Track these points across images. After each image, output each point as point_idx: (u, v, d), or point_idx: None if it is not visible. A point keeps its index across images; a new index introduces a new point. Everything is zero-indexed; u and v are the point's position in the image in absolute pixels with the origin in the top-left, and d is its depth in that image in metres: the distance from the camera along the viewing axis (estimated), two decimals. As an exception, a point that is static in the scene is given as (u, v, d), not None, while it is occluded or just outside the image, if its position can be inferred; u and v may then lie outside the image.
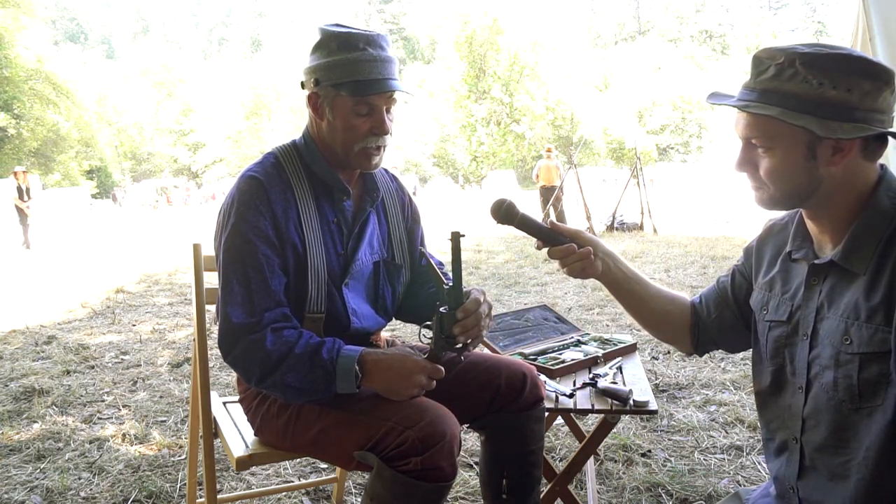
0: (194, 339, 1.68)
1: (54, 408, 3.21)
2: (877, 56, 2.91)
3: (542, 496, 1.69)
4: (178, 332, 4.90)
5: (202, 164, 51.11)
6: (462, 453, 2.48)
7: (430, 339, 1.38)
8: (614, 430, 2.09)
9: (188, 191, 40.34)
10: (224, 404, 1.81)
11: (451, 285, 1.34)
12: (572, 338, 2.18)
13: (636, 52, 52.45)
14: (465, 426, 1.56)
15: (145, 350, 4.35)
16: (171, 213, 26.45)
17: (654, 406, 1.64)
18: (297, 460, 2.49)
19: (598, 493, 2.21)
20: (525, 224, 1.29)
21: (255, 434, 1.56)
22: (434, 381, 1.35)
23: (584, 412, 1.71)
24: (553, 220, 1.35)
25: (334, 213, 1.51)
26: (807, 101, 0.99)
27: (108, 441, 2.76)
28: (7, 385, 3.60)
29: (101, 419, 3.07)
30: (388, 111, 1.45)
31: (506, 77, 45.01)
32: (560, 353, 1.99)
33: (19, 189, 12.30)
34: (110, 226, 19.21)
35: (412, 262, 1.68)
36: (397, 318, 1.72)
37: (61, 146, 34.90)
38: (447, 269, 1.48)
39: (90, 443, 2.75)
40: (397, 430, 1.27)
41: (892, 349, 0.97)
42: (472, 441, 2.58)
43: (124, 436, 2.82)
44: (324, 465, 2.44)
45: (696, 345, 1.37)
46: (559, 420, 2.69)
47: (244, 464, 1.49)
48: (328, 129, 1.45)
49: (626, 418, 2.76)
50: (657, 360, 3.74)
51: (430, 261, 1.49)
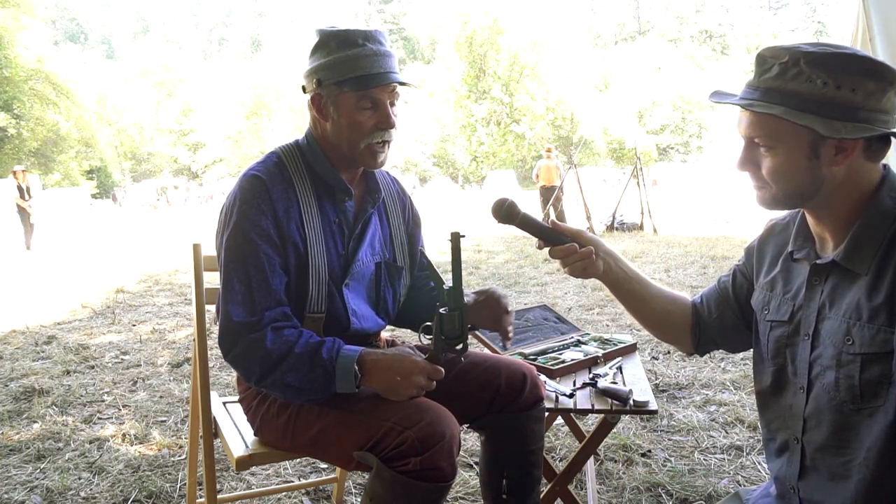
0: (194, 339, 1.68)
1: (54, 408, 3.21)
2: (877, 56, 2.90)
3: (542, 496, 1.69)
4: (178, 332, 4.90)
5: (202, 164, 51.11)
6: (462, 453, 2.48)
7: (430, 339, 1.38)
8: (614, 430, 2.09)
9: (189, 190, 40.30)
10: (224, 404, 1.81)
11: (450, 286, 1.34)
12: (572, 338, 2.18)
13: (636, 52, 52.38)
14: (465, 426, 1.56)
15: (145, 350, 4.35)
16: (171, 214, 26.44)
17: (654, 406, 1.64)
18: (297, 460, 2.49)
19: (598, 493, 2.21)
20: (526, 224, 1.29)
21: (255, 434, 1.55)
22: (434, 382, 1.35)
23: (584, 412, 1.71)
24: (554, 219, 1.35)
25: (336, 214, 1.51)
26: (810, 101, 0.98)
27: (108, 441, 2.76)
28: (7, 385, 3.60)
29: (101, 419, 3.07)
30: (392, 105, 1.46)
31: (506, 77, 44.99)
32: (560, 353, 1.99)
33: (20, 188, 12.27)
34: (110, 226, 19.20)
35: (412, 266, 1.68)
36: (397, 325, 1.72)
37: (61, 146, 34.89)
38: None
39: (90, 443, 2.75)
40: (397, 430, 1.27)
41: (894, 350, 0.97)
42: (472, 441, 2.58)
43: (124, 436, 2.82)
44: (324, 465, 2.44)
45: (697, 345, 1.37)
46: (559, 420, 2.69)
47: (244, 464, 1.49)
48: (333, 129, 1.45)
49: (626, 418, 2.76)
50: (657, 360, 3.74)
51: (430, 261, 1.49)
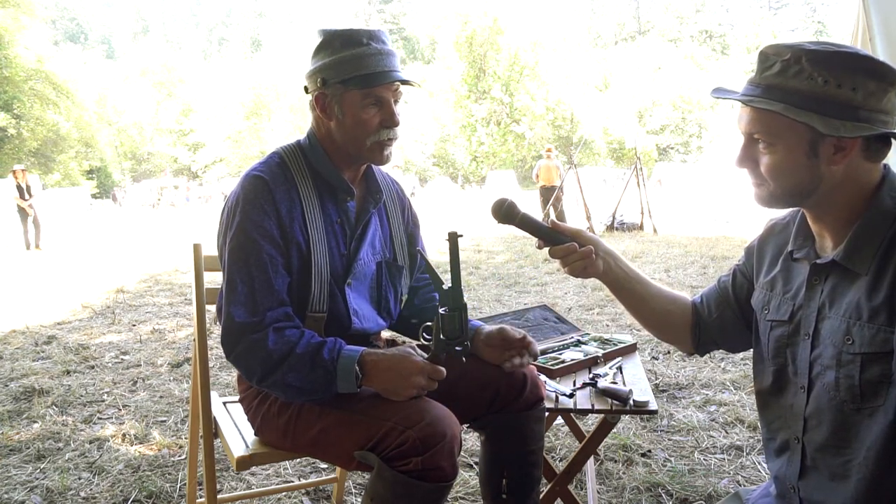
0: (194, 339, 1.68)
1: (54, 408, 3.21)
2: (877, 56, 2.90)
3: (542, 496, 1.69)
4: (178, 332, 4.90)
5: (202, 164, 51.11)
6: (462, 453, 2.48)
7: (430, 340, 1.38)
8: (614, 430, 2.09)
9: (189, 190, 40.27)
10: (224, 404, 1.81)
11: (449, 286, 1.34)
12: (572, 338, 2.17)
13: (636, 52, 52.35)
14: (466, 426, 1.56)
15: (145, 350, 4.35)
16: (171, 214, 26.44)
17: (654, 406, 1.64)
18: (297, 460, 2.49)
19: (598, 493, 2.21)
20: (526, 223, 1.29)
21: (256, 434, 1.55)
22: (435, 382, 1.35)
23: (584, 412, 1.71)
24: (553, 219, 1.35)
25: (338, 214, 1.51)
26: (811, 99, 0.99)
27: (108, 441, 2.76)
28: (7, 385, 3.60)
29: (101, 419, 3.07)
30: (396, 103, 1.46)
31: (506, 77, 44.98)
32: (560, 353, 1.99)
33: (19, 188, 12.25)
34: (110, 226, 19.20)
35: (413, 266, 1.68)
36: (405, 334, 1.72)
37: (61, 146, 34.89)
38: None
39: (90, 443, 2.75)
40: (398, 430, 1.27)
41: (894, 349, 0.97)
42: (472, 441, 2.58)
43: (124, 436, 2.82)
44: (324, 465, 2.44)
45: (697, 345, 1.37)
46: (559, 420, 2.69)
47: (244, 464, 1.48)
48: (337, 128, 1.45)
49: (626, 418, 2.76)
50: (657, 360, 3.74)
51: (428, 260, 1.49)
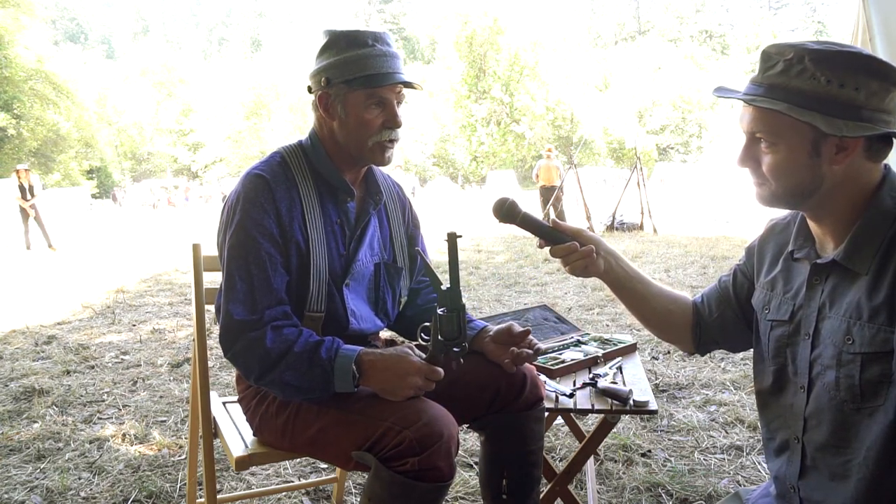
0: (194, 339, 1.68)
1: (54, 408, 3.20)
2: (877, 56, 2.90)
3: (542, 496, 1.69)
4: (178, 332, 4.90)
5: (202, 163, 51.14)
6: (462, 453, 2.48)
7: (428, 340, 1.38)
8: (614, 430, 2.09)
9: (189, 190, 40.29)
10: (224, 404, 1.81)
11: (448, 287, 1.34)
12: (572, 338, 2.17)
13: (636, 52, 52.36)
14: (465, 426, 1.56)
15: (145, 350, 4.34)
16: (171, 213, 26.44)
17: (654, 406, 1.64)
18: (297, 460, 2.49)
19: (598, 493, 2.21)
20: (527, 223, 1.29)
21: (254, 434, 1.55)
22: (432, 383, 1.35)
23: (584, 412, 1.71)
24: (554, 218, 1.35)
25: (338, 214, 1.51)
26: (813, 98, 0.98)
27: (108, 441, 2.76)
28: (7, 385, 3.60)
29: (101, 419, 3.07)
30: (398, 105, 1.47)
31: (506, 77, 44.99)
32: (560, 353, 1.99)
33: (21, 188, 12.21)
34: (110, 226, 19.20)
35: (412, 267, 1.68)
36: (400, 331, 1.72)
37: (61, 146, 34.91)
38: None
39: (90, 443, 2.75)
40: (395, 430, 1.27)
41: (895, 349, 0.97)
42: (472, 441, 2.58)
43: (124, 436, 2.82)
44: (324, 465, 2.44)
45: (698, 344, 1.37)
46: (559, 420, 2.68)
47: (244, 464, 1.48)
48: (340, 128, 1.46)
49: (626, 418, 2.76)
50: (657, 360, 3.74)
51: (427, 261, 1.49)
